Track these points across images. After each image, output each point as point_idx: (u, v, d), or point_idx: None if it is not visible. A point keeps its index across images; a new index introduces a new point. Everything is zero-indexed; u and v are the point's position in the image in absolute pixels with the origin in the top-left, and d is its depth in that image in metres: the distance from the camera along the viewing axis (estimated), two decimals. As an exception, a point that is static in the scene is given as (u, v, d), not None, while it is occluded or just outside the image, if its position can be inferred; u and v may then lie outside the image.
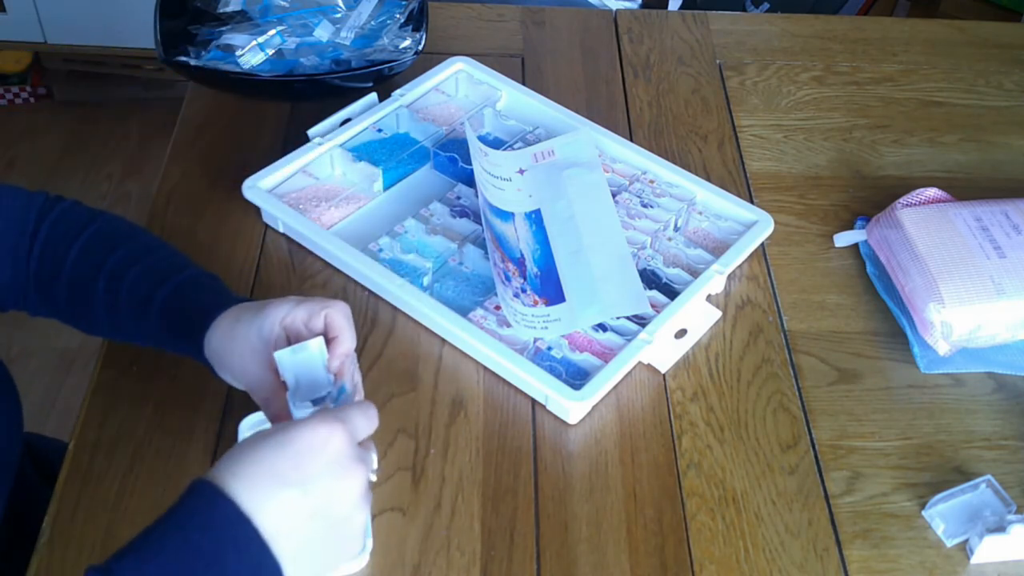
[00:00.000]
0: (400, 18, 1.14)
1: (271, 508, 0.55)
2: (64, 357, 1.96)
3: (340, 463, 0.57)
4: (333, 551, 0.58)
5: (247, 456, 0.56)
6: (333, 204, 0.98)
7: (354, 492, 0.58)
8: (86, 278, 0.77)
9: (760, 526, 0.79)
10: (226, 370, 0.73)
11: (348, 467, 0.58)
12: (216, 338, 0.73)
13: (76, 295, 0.78)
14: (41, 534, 0.75)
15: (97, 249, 0.78)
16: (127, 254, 0.78)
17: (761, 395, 0.88)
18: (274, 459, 0.56)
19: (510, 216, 0.96)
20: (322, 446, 0.56)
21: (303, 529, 0.56)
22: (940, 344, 0.90)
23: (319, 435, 0.57)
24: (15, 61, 2.38)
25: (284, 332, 0.70)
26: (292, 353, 0.68)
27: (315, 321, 0.70)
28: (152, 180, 1.77)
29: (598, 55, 1.23)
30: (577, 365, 0.86)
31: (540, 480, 0.81)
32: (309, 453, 0.56)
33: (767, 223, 0.98)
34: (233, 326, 0.72)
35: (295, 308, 0.71)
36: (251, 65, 1.06)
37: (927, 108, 1.19)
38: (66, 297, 0.78)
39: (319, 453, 0.56)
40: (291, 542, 0.55)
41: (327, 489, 0.56)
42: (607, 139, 1.05)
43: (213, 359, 0.74)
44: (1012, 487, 0.82)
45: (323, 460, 0.56)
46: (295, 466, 0.56)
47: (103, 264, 0.77)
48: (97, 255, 0.78)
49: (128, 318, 0.77)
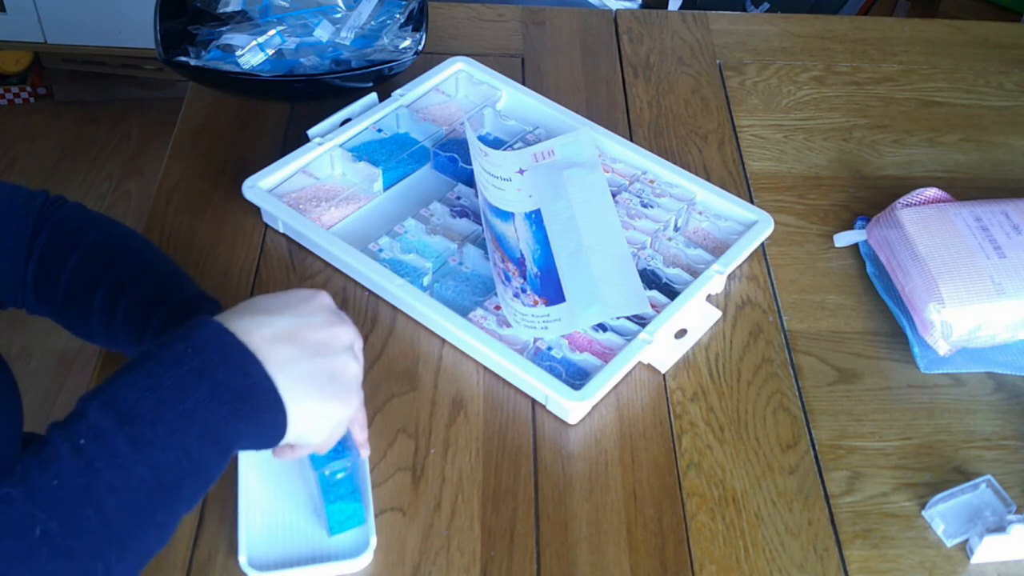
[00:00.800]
0: (400, 18, 1.14)
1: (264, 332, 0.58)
2: (64, 357, 1.96)
3: (328, 311, 0.62)
4: (329, 386, 0.60)
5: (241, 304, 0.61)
6: (333, 204, 0.98)
7: (342, 337, 0.61)
8: (84, 289, 0.77)
9: (760, 526, 0.79)
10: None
11: (336, 317, 0.62)
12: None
13: (73, 304, 0.77)
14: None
15: (97, 261, 0.78)
16: (126, 269, 0.78)
17: (761, 395, 0.88)
18: (269, 301, 0.60)
19: (510, 216, 0.96)
20: (311, 296, 0.62)
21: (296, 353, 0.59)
22: (940, 344, 0.90)
23: (308, 291, 0.63)
24: (15, 61, 2.38)
25: None
26: None
27: None
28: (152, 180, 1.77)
29: (598, 55, 1.23)
30: (577, 365, 0.86)
31: (540, 480, 0.81)
32: (299, 299, 0.61)
33: (767, 223, 0.98)
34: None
35: None
36: (251, 65, 1.06)
37: (927, 108, 1.19)
38: (63, 304, 0.78)
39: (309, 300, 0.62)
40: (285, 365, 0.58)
41: (317, 326, 0.60)
42: (607, 139, 1.05)
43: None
44: (1012, 487, 0.82)
45: (313, 305, 0.61)
46: (285, 304, 0.60)
47: (102, 277, 0.77)
48: (96, 267, 0.77)
49: (123, 334, 0.77)
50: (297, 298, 0.62)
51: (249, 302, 0.61)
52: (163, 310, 0.75)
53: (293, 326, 0.59)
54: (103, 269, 0.77)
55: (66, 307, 0.78)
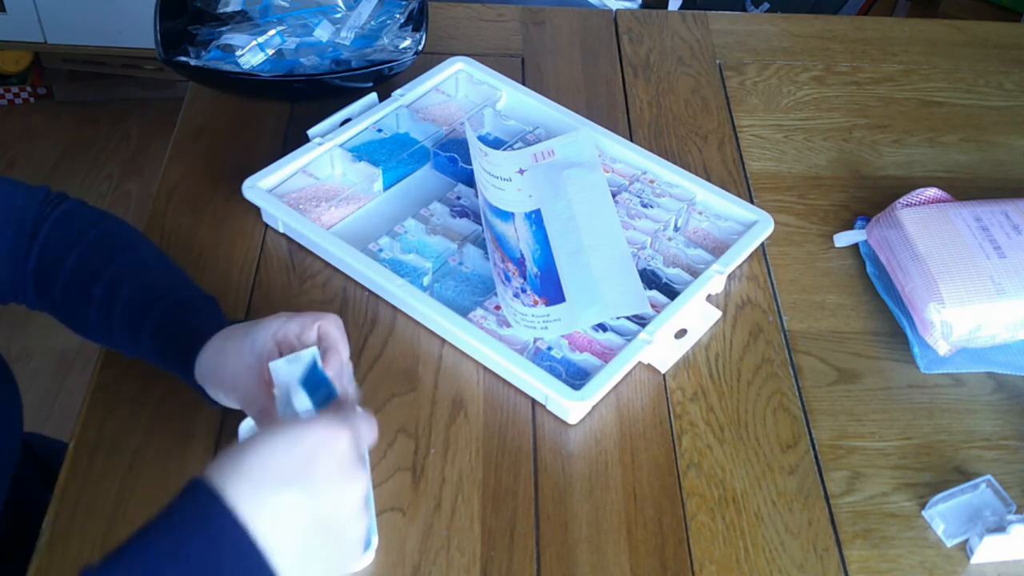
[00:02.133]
0: (400, 18, 1.14)
1: (271, 511, 0.53)
2: (64, 357, 1.96)
3: (346, 466, 0.56)
4: (332, 559, 0.57)
5: (251, 453, 0.54)
6: (333, 204, 0.98)
7: (356, 498, 0.57)
8: (82, 286, 0.77)
9: (760, 526, 0.79)
10: (218, 388, 0.73)
11: (353, 471, 0.57)
12: (207, 357, 0.73)
13: (71, 301, 0.78)
14: (41, 534, 0.75)
15: (96, 257, 0.78)
16: (125, 266, 0.78)
17: (761, 395, 0.88)
18: (280, 458, 0.54)
19: (510, 216, 0.96)
20: (330, 447, 0.55)
21: (303, 534, 0.54)
22: (940, 344, 0.90)
23: (328, 435, 0.56)
24: (15, 61, 2.38)
25: (276, 346, 0.70)
26: (287, 363, 0.67)
27: (308, 334, 0.70)
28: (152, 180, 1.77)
29: (598, 55, 1.23)
30: (577, 365, 0.86)
31: (540, 480, 0.81)
32: (316, 453, 0.55)
33: (767, 223, 0.98)
34: (223, 344, 0.72)
35: (287, 322, 0.70)
36: (251, 65, 1.06)
37: (927, 108, 1.19)
38: (61, 301, 0.78)
39: (327, 454, 0.55)
40: (290, 548, 0.54)
41: (331, 493, 0.55)
42: (607, 139, 1.05)
43: (205, 378, 0.73)
44: (1012, 487, 0.82)
45: (330, 462, 0.55)
46: (302, 466, 0.54)
47: (100, 274, 0.77)
48: (95, 263, 0.77)
49: (120, 331, 0.77)
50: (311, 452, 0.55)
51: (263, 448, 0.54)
52: (161, 305, 0.76)
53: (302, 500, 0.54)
54: (103, 264, 0.77)
55: (65, 301, 0.78)
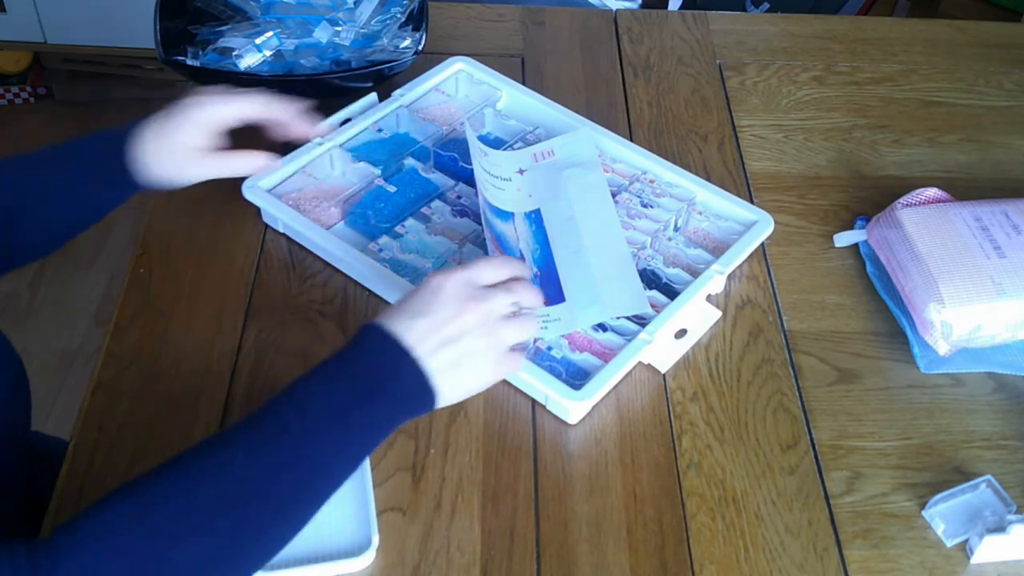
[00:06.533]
0: (400, 18, 1.14)
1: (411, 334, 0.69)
2: (64, 357, 1.96)
3: (457, 298, 0.71)
4: (467, 366, 0.70)
5: (395, 305, 0.72)
6: (333, 204, 0.98)
7: (470, 320, 0.70)
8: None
9: (760, 526, 0.79)
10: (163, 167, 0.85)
11: (465, 299, 0.71)
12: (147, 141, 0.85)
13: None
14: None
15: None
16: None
17: (761, 395, 0.88)
18: (410, 301, 0.71)
19: (510, 216, 0.96)
20: (437, 287, 0.71)
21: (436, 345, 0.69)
22: (940, 344, 0.90)
23: (435, 281, 0.72)
24: (15, 61, 2.38)
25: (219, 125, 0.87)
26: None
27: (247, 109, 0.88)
28: (152, 180, 1.77)
29: (598, 55, 1.23)
30: (577, 365, 0.86)
31: (540, 480, 0.81)
32: (429, 293, 0.71)
33: (767, 223, 0.98)
34: (163, 125, 0.86)
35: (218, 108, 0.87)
36: (250, 66, 1.06)
37: (927, 108, 1.19)
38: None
39: (437, 293, 0.71)
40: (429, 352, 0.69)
41: (446, 317, 0.70)
42: (607, 139, 1.05)
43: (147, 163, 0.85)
44: (1012, 487, 0.82)
45: (441, 297, 0.71)
46: (424, 303, 0.71)
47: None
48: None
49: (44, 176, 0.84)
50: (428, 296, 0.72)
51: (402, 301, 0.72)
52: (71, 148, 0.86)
53: (438, 330, 0.70)
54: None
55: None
